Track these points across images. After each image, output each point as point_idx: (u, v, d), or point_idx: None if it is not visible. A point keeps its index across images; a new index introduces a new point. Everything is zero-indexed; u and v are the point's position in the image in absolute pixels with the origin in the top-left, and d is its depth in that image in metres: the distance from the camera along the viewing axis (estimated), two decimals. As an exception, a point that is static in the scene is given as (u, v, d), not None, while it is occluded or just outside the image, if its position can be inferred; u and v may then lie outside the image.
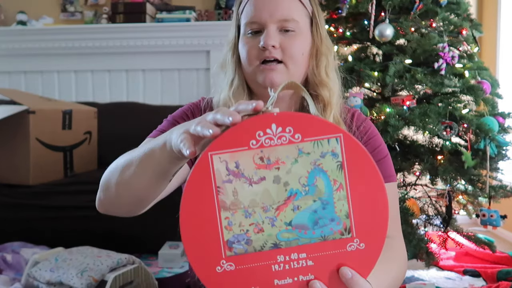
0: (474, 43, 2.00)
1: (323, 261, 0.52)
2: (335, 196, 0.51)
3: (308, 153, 0.50)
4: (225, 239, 0.51)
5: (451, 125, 1.76)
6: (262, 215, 0.51)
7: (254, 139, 0.50)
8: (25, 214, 1.76)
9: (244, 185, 0.50)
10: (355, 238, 0.52)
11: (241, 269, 0.51)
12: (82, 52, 2.85)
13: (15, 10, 2.97)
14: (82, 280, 1.27)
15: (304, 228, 0.52)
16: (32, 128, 1.83)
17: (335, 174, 0.51)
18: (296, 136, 0.50)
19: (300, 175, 0.51)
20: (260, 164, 0.50)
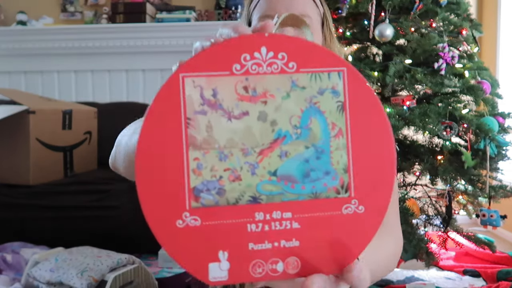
0: (474, 43, 2.00)
1: (312, 224, 0.41)
2: (332, 143, 0.42)
3: (304, 87, 0.41)
4: (192, 185, 0.40)
5: (451, 125, 1.76)
6: (240, 160, 0.41)
7: (238, 63, 0.40)
8: (25, 214, 1.76)
9: (221, 119, 0.40)
10: (353, 199, 0.42)
11: (208, 226, 0.40)
12: (82, 52, 2.85)
13: (15, 10, 2.97)
14: (82, 280, 1.27)
15: (291, 181, 0.41)
16: (32, 128, 1.83)
17: (334, 117, 0.42)
18: (291, 64, 0.41)
19: (292, 113, 0.41)
20: (243, 95, 0.40)
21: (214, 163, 0.40)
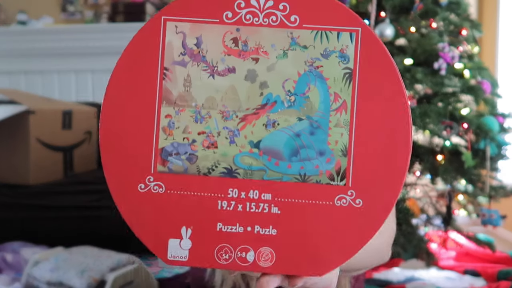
0: (474, 43, 2.00)
1: (295, 212, 0.35)
2: (332, 118, 0.35)
3: (305, 46, 0.35)
4: (160, 146, 0.35)
5: (451, 125, 1.76)
6: (219, 123, 0.35)
7: (230, 10, 0.35)
8: (25, 214, 1.76)
9: (202, 74, 0.35)
10: (350, 189, 0.35)
11: (173, 195, 0.35)
12: (82, 52, 2.85)
13: (15, 10, 2.97)
14: (82, 280, 1.27)
15: (276, 156, 0.35)
16: (32, 128, 1.83)
17: (338, 86, 0.35)
18: (292, 17, 0.35)
19: (287, 76, 0.35)
20: (231, 48, 0.35)
21: (189, 123, 0.35)
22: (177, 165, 0.36)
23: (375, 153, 0.35)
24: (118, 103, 0.35)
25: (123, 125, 0.35)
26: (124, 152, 0.35)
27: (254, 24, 0.35)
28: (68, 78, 2.93)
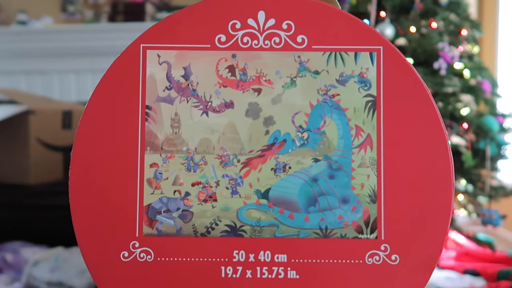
0: (474, 43, 2.00)
1: (318, 276, 0.27)
2: (355, 157, 0.28)
3: (317, 71, 0.28)
4: (146, 202, 0.28)
5: (451, 125, 1.76)
6: (217, 171, 0.29)
7: (223, 33, 0.28)
8: (25, 214, 1.76)
9: (193, 112, 0.28)
10: (384, 243, 0.28)
11: (165, 263, 0.28)
12: (82, 52, 2.85)
13: (15, 10, 2.97)
14: (82, 280, 1.27)
15: (290, 208, 0.28)
16: (32, 128, 1.83)
17: (360, 118, 0.28)
18: (299, 38, 0.28)
19: (297, 108, 0.28)
20: (228, 78, 0.29)
21: (179, 173, 0.28)
22: (168, 225, 0.28)
23: (410, 196, 0.28)
24: (92, 151, 0.28)
25: (99, 178, 0.28)
26: (100, 211, 0.28)
27: (253, 48, 0.29)
28: (68, 78, 2.93)
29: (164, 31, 0.29)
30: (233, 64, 0.29)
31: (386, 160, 0.28)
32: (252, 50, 0.28)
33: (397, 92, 0.28)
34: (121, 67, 0.29)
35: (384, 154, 0.28)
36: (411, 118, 0.28)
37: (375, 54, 0.28)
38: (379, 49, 0.28)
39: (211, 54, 0.28)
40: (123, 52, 0.29)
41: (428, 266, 0.27)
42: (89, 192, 0.28)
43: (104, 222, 0.28)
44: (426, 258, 0.27)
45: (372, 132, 0.28)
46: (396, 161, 0.28)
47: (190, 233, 0.28)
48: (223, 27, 0.28)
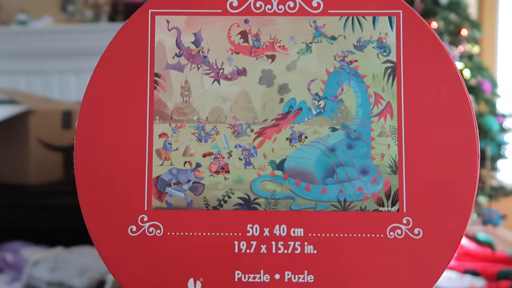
0: (474, 43, 2.00)
1: (336, 251, 0.26)
2: (374, 126, 0.27)
3: (333, 37, 0.27)
4: (154, 174, 0.27)
5: (451, 125, 1.76)
6: (230, 141, 0.27)
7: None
8: (25, 214, 1.76)
9: (204, 79, 0.27)
10: (406, 216, 0.26)
11: (174, 237, 0.26)
12: (82, 52, 2.84)
13: (15, 10, 2.97)
14: (82, 280, 1.27)
15: (306, 179, 0.27)
16: (32, 128, 1.83)
17: (379, 85, 0.27)
18: (315, 2, 0.27)
19: (313, 75, 0.27)
20: (240, 44, 0.27)
21: (190, 143, 0.27)
22: (178, 198, 0.27)
23: (433, 167, 0.26)
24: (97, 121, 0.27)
25: (105, 149, 0.26)
26: (107, 184, 0.26)
27: (266, 13, 0.27)
28: (68, 78, 2.93)
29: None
30: (245, 30, 0.27)
31: (407, 129, 0.26)
32: (265, 15, 0.27)
33: (418, 58, 0.27)
34: (128, 34, 0.28)
35: (405, 123, 0.26)
36: (433, 85, 0.27)
37: (394, 18, 0.26)
38: (399, 13, 0.27)
39: (223, 19, 0.27)
40: (130, 18, 0.29)
41: (453, 240, 0.26)
42: (95, 164, 0.26)
43: (111, 195, 0.27)
44: (450, 232, 0.26)
45: (392, 100, 0.27)
46: (418, 130, 0.26)
47: (202, 206, 0.27)
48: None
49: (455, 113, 0.28)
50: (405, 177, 0.26)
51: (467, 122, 0.28)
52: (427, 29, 0.27)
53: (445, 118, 0.27)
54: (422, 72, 0.27)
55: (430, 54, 0.27)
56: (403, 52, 0.26)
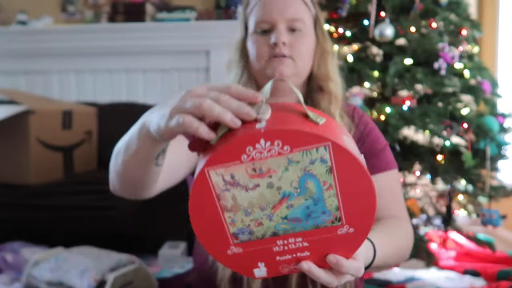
0: (474, 43, 2.00)
1: (317, 242, 0.58)
2: (325, 194, 0.55)
3: (298, 161, 0.52)
4: (231, 232, 0.57)
5: (451, 125, 1.76)
6: (260, 213, 0.56)
7: (245, 154, 0.52)
8: (25, 214, 1.76)
9: (241, 192, 0.54)
10: (345, 225, 0.57)
11: (248, 251, 0.59)
12: (82, 52, 2.85)
13: (15, 10, 2.97)
14: (82, 280, 1.27)
15: (298, 220, 0.56)
16: (32, 128, 1.83)
17: (324, 177, 0.53)
18: (285, 148, 0.51)
19: (292, 179, 0.53)
20: (253, 174, 0.53)
21: (243, 217, 0.56)
22: (244, 237, 0.57)
23: (355, 205, 0.55)
24: (201, 218, 0.56)
25: (208, 226, 0.57)
26: (212, 239, 0.58)
27: (262, 158, 0.52)
28: (68, 78, 2.93)
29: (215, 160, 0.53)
30: (254, 168, 0.53)
31: (341, 193, 0.55)
32: (261, 159, 0.52)
33: (341, 162, 0.53)
34: (200, 181, 0.54)
35: (339, 191, 0.54)
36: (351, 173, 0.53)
37: (327, 147, 0.51)
38: (329, 144, 0.51)
39: (241, 165, 0.53)
40: (198, 174, 0.53)
41: (367, 230, 0.57)
42: (205, 231, 0.57)
43: (215, 241, 0.58)
44: (365, 228, 0.57)
45: (331, 183, 0.54)
46: (346, 193, 0.55)
47: (255, 238, 0.58)
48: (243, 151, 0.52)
49: (361, 182, 0.54)
50: (343, 211, 0.56)
51: (367, 186, 0.54)
52: (345, 149, 0.52)
53: (356, 185, 0.54)
54: (345, 168, 0.53)
55: (348, 159, 0.52)
56: (334, 160, 0.52)
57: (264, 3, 0.90)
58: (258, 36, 0.90)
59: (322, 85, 0.93)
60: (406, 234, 0.90)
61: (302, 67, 0.91)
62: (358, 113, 1.00)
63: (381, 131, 1.01)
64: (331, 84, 0.93)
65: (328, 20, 2.15)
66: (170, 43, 2.76)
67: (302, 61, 0.90)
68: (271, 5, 0.89)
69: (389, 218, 0.91)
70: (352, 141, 0.57)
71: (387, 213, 0.91)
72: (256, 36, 0.91)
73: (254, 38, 0.91)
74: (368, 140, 0.96)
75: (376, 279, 1.84)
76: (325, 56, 0.94)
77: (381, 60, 2.03)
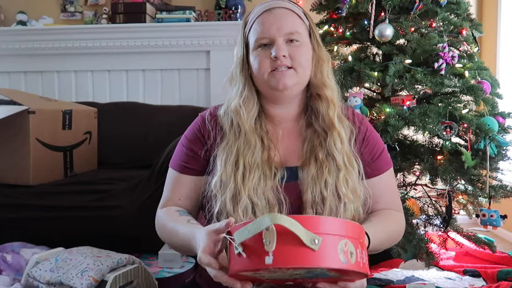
0: (474, 43, 2.00)
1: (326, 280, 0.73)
2: (328, 273, 0.67)
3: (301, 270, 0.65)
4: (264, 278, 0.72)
5: (451, 125, 1.76)
6: (283, 277, 0.71)
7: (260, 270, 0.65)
8: (25, 214, 1.76)
9: (266, 274, 0.67)
10: (345, 277, 0.70)
11: (278, 280, 0.73)
12: (82, 52, 2.85)
13: (15, 10, 2.97)
14: (82, 280, 1.27)
15: (311, 277, 0.71)
16: (32, 128, 1.83)
17: (325, 271, 0.65)
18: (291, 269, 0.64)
19: (300, 273, 0.67)
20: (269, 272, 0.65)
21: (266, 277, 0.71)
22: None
23: (351, 275, 0.69)
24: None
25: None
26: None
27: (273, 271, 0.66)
28: (68, 78, 2.93)
29: None
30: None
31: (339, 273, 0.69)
32: None
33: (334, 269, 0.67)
34: None
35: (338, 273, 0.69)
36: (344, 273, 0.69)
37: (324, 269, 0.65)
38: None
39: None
40: None
41: (364, 277, 0.72)
42: None
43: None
44: (363, 276, 0.72)
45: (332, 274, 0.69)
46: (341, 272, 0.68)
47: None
48: None
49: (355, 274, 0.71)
50: (343, 277, 0.71)
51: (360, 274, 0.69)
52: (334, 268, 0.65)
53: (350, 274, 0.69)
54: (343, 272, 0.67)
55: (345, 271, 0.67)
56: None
57: (262, 21, 0.96)
58: (260, 51, 0.96)
59: (319, 92, 0.98)
60: (398, 222, 1.02)
61: (303, 76, 0.96)
62: (358, 116, 1.05)
63: (381, 131, 1.02)
64: (328, 91, 0.98)
65: (328, 20, 2.16)
66: (170, 43, 2.76)
67: (303, 70, 0.96)
68: (268, 22, 0.95)
69: (385, 210, 1.01)
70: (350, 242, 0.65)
71: (385, 206, 1.02)
72: (257, 52, 0.96)
73: (256, 53, 0.96)
74: (370, 143, 1.02)
75: (376, 278, 1.84)
76: (321, 64, 0.99)
77: (381, 60, 2.03)
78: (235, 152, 0.93)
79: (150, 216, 1.05)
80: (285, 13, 0.96)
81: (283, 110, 1.00)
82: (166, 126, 2.23)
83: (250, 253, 0.64)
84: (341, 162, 0.93)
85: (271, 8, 0.96)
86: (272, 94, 0.97)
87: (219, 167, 0.93)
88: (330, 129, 0.95)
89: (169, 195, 1.03)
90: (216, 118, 1.02)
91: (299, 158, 0.96)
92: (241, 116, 0.96)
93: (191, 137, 1.03)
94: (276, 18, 0.95)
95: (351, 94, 1.83)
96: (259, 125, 0.98)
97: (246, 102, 0.98)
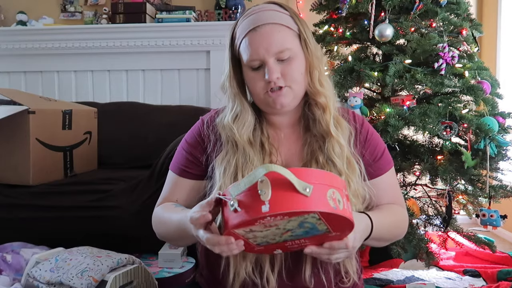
0: (474, 43, 2.00)
1: (315, 239, 0.78)
2: (318, 226, 0.73)
3: (295, 220, 0.71)
4: (254, 243, 0.78)
5: (451, 125, 1.76)
6: (272, 239, 0.77)
7: (256, 223, 0.70)
8: (25, 214, 1.76)
9: (256, 233, 0.74)
10: (333, 232, 0.76)
11: (268, 247, 0.80)
12: (82, 52, 2.85)
13: (15, 10, 2.97)
14: (82, 280, 1.27)
15: (300, 236, 0.77)
16: (32, 128, 1.83)
17: (316, 220, 0.71)
18: (285, 217, 0.69)
19: (292, 225, 0.72)
20: (264, 227, 0.72)
21: (261, 240, 0.77)
22: (263, 244, 0.79)
23: (338, 225, 0.73)
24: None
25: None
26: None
27: (269, 221, 0.71)
28: (68, 78, 2.93)
29: (238, 225, 0.73)
30: (265, 224, 0.72)
31: (329, 224, 0.73)
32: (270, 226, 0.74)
33: (327, 215, 0.71)
34: (229, 234, 0.76)
35: (328, 223, 0.73)
36: (335, 219, 0.72)
37: (317, 214, 0.70)
38: (317, 211, 0.69)
39: (256, 226, 0.73)
40: (225, 234, 0.77)
41: (350, 231, 0.77)
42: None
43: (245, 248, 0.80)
44: (348, 231, 0.77)
45: (322, 222, 0.73)
46: (332, 224, 0.74)
47: (272, 243, 0.81)
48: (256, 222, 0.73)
49: (344, 220, 0.73)
50: (332, 229, 0.75)
51: (348, 221, 0.74)
52: (326, 212, 0.70)
53: (340, 222, 0.74)
54: (329, 217, 0.72)
55: (331, 214, 0.71)
56: (321, 215, 0.71)
57: (249, 41, 0.92)
58: (253, 73, 0.94)
59: (315, 99, 0.97)
60: (402, 214, 1.04)
61: (298, 90, 0.95)
62: (358, 118, 1.04)
63: (381, 131, 1.02)
64: (322, 98, 0.97)
65: (328, 20, 2.16)
66: (170, 43, 2.76)
67: (298, 85, 0.94)
68: (256, 43, 0.91)
69: (388, 203, 1.03)
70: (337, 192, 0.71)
71: (388, 203, 1.03)
72: (250, 73, 0.94)
73: (250, 76, 0.94)
74: (371, 145, 1.02)
75: (376, 278, 1.85)
76: (313, 72, 0.96)
77: (381, 60, 2.03)
78: (234, 165, 0.93)
79: (150, 216, 1.05)
80: (271, 30, 0.91)
81: (281, 118, 1.01)
82: (166, 126, 2.23)
83: (245, 206, 0.69)
84: (341, 167, 0.93)
85: (256, 27, 0.91)
86: (270, 111, 0.98)
87: (218, 177, 0.93)
88: (328, 135, 0.95)
89: (167, 195, 1.03)
90: (214, 125, 1.01)
91: (300, 160, 0.97)
92: (235, 133, 0.95)
93: (191, 141, 1.03)
94: (263, 37, 0.91)
95: (351, 94, 1.83)
96: (259, 131, 0.98)
97: (239, 118, 0.97)
